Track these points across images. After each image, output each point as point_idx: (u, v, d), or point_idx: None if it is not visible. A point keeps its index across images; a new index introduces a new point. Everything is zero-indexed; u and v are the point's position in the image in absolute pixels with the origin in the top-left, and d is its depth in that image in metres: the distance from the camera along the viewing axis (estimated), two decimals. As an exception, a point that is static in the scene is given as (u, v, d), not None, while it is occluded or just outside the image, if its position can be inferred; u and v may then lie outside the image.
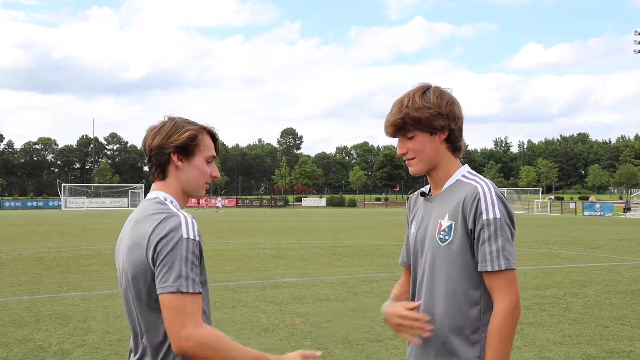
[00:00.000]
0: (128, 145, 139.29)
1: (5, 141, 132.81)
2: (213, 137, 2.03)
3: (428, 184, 2.11)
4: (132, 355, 1.94)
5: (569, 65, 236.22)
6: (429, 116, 1.91)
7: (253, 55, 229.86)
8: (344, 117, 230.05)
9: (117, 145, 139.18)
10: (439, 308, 1.90)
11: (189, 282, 1.74)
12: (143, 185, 68.88)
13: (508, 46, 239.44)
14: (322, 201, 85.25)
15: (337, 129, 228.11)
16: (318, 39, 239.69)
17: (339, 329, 6.63)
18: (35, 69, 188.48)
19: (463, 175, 1.99)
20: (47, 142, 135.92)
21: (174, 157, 1.91)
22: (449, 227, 1.89)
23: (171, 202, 1.91)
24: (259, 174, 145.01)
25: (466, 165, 2.05)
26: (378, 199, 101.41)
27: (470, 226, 1.85)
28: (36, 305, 8.01)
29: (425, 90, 1.97)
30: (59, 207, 65.17)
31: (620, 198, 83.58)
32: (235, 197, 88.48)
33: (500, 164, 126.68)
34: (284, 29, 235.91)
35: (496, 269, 1.81)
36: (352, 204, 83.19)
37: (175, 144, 1.90)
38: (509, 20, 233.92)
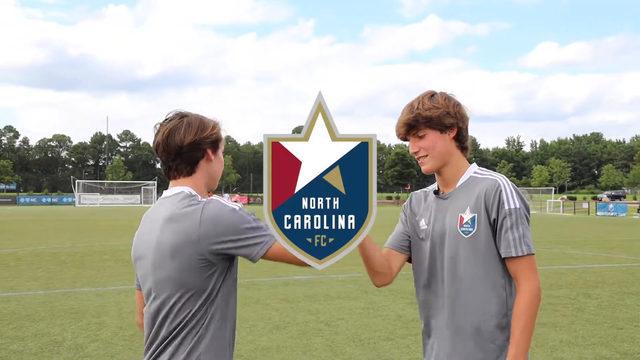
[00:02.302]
0: (141, 142, 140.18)
1: (20, 138, 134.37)
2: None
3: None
4: (150, 352, 1.90)
5: (584, 64, 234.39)
6: (439, 115, 2.05)
7: (266, 53, 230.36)
8: (356, 115, 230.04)
9: (130, 143, 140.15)
10: (469, 297, 2.01)
11: (267, 235, 1.86)
12: (156, 182, 69.31)
13: (522, 45, 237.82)
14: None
15: (348, 127, 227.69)
16: (331, 37, 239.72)
17: (350, 327, 6.64)
18: (51, 66, 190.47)
19: (475, 172, 2.12)
20: (62, 139, 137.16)
21: (210, 151, 1.96)
22: (472, 219, 2.01)
23: (193, 195, 1.92)
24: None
25: (474, 163, 2.18)
26: (389, 198, 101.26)
27: (493, 216, 1.98)
28: (51, 300, 8.10)
29: (433, 94, 2.13)
30: (73, 203, 65.79)
31: (635, 198, 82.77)
32: (247, 194, 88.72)
33: (513, 164, 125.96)
34: (298, 27, 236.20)
35: (520, 254, 1.95)
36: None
37: (211, 139, 1.96)
38: (523, 19, 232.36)
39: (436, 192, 2.16)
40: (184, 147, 1.91)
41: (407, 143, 2.15)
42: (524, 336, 1.91)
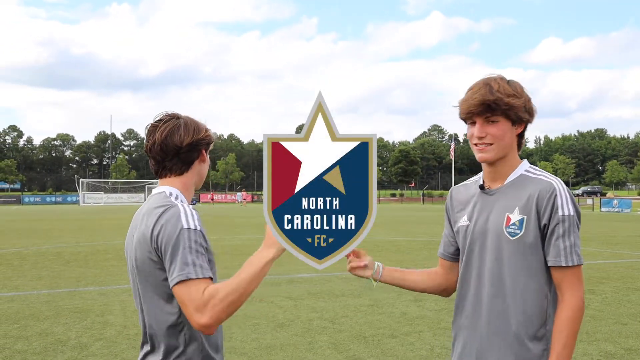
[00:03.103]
0: (145, 141, 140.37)
1: (24, 137, 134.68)
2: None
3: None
4: (143, 347, 1.97)
5: (589, 60, 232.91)
6: (519, 105, 1.93)
7: (270, 51, 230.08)
8: (360, 112, 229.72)
9: (134, 141, 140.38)
10: (510, 302, 1.92)
11: (197, 269, 1.75)
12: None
13: (526, 41, 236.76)
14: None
15: (352, 124, 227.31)
16: (335, 34, 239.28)
17: (354, 325, 6.65)
18: (55, 65, 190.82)
19: (526, 170, 2.00)
20: (66, 138, 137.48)
21: (204, 153, 2.02)
22: (520, 221, 1.91)
23: (177, 196, 1.95)
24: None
25: (526, 160, 2.05)
26: (393, 195, 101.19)
27: (544, 221, 1.89)
28: (55, 300, 8.13)
29: (507, 79, 2.00)
30: (77, 202, 65.97)
31: (639, 194, 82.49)
32: (250, 192, 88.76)
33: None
34: (302, 25, 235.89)
35: (570, 264, 1.87)
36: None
37: (206, 141, 2.01)
38: (527, 15, 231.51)
39: (482, 187, 2.04)
40: (183, 147, 1.95)
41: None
42: (566, 351, 1.84)
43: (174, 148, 1.95)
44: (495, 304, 1.95)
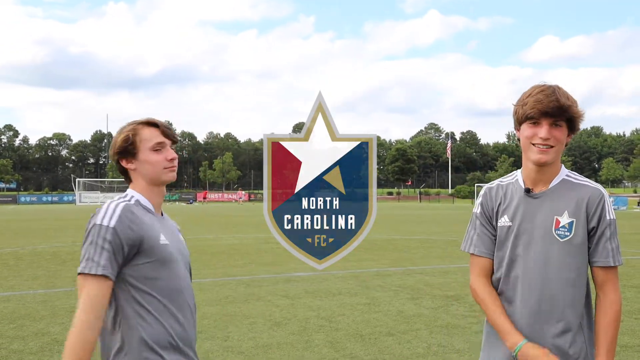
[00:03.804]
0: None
1: (20, 137, 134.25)
2: (154, 125, 2.08)
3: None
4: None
5: (585, 58, 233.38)
6: (581, 116, 2.06)
7: (267, 50, 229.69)
8: (357, 111, 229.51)
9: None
10: (558, 299, 2.03)
11: (89, 264, 1.83)
12: (156, 179, 69.30)
13: (523, 39, 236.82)
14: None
15: (350, 123, 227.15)
16: (333, 33, 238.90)
17: (351, 323, 6.66)
18: (51, 64, 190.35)
19: (567, 175, 2.11)
20: (62, 138, 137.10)
21: (123, 163, 2.06)
22: (570, 224, 2.02)
23: (131, 197, 2.02)
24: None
25: (562, 165, 2.16)
26: (390, 193, 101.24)
27: (593, 224, 2.02)
28: (52, 299, 8.11)
29: (567, 91, 2.09)
30: (73, 201, 65.82)
31: (635, 192, 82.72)
32: (247, 191, 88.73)
33: (513, 158, 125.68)
34: (299, 23, 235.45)
35: (617, 264, 2.04)
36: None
37: (117, 151, 2.06)
38: (525, 13, 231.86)
39: (527, 190, 2.10)
40: (114, 164, 2.11)
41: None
42: (613, 347, 2.00)
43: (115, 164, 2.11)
44: (542, 302, 2.03)
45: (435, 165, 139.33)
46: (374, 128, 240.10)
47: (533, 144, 2.02)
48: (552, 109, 1.98)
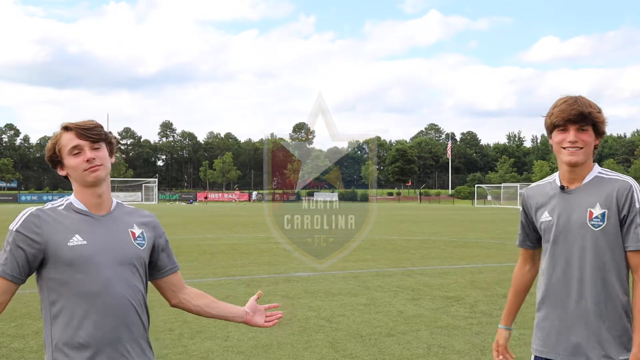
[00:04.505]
0: (142, 140, 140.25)
1: (21, 136, 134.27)
2: (68, 129, 2.12)
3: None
4: None
5: (586, 59, 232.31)
6: (604, 120, 2.35)
7: (268, 49, 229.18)
8: (357, 111, 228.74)
9: (131, 140, 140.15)
10: (598, 284, 2.27)
11: None
12: (157, 179, 69.38)
13: (524, 39, 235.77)
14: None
15: (349, 123, 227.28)
16: (333, 32, 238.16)
17: (351, 324, 6.66)
18: (52, 64, 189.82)
19: (599, 172, 2.38)
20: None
21: (58, 170, 2.16)
22: (602, 214, 2.27)
23: (65, 201, 2.13)
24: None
25: (596, 163, 2.42)
26: (390, 194, 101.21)
27: (624, 213, 2.25)
28: (52, 298, 8.12)
29: (589, 100, 2.38)
30: (73, 201, 65.73)
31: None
32: (247, 191, 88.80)
33: (513, 159, 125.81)
34: (299, 23, 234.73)
35: None
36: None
37: (48, 161, 2.18)
38: (524, 13, 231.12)
39: (562, 187, 2.39)
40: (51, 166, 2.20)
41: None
42: None
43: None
44: (583, 286, 2.28)
45: (436, 165, 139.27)
46: (373, 128, 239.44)
47: (563, 148, 2.32)
48: (574, 116, 2.28)
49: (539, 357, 2.43)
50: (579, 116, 2.28)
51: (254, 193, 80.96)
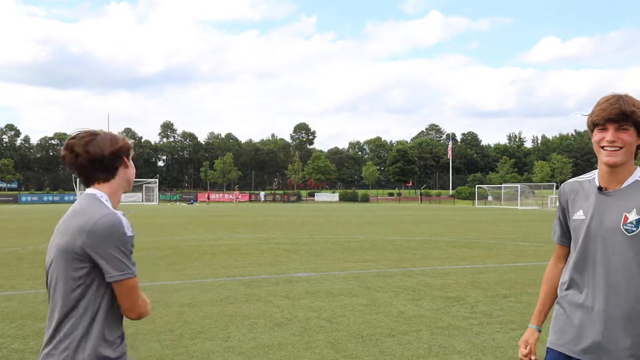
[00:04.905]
0: (142, 140, 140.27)
1: (22, 136, 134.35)
2: None
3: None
4: None
5: (587, 59, 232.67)
6: None
7: (268, 50, 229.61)
8: (358, 111, 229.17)
9: (132, 140, 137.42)
10: (623, 289, 2.23)
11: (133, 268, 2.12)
12: (157, 180, 69.35)
13: (525, 40, 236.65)
14: (335, 196, 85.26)
15: (350, 123, 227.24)
16: (334, 33, 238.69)
17: (351, 324, 6.65)
18: (52, 64, 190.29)
19: None
20: (63, 137, 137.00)
21: (125, 159, 2.25)
22: (637, 220, 2.23)
23: (107, 200, 2.17)
24: (272, 169, 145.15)
25: (639, 167, 2.36)
26: (391, 194, 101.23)
27: None
28: (53, 299, 8.11)
29: (634, 99, 2.31)
30: (74, 201, 65.72)
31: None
32: (248, 191, 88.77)
33: (514, 159, 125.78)
34: (300, 23, 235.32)
35: None
36: (365, 199, 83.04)
37: (125, 149, 2.25)
38: (525, 14, 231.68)
39: (600, 188, 2.33)
40: (107, 156, 2.17)
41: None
42: None
43: (97, 157, 2.15)
44: (610, 291, 2.24)
45: (436, 166, 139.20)
46: (374, 128, 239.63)
47: (602, 147, 2.27)
48: (615, 115, 2.22)
49: (552, 350, 2.43)
50: (619, 115, 2.22)
51: (262, 194, 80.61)
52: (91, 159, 2.14)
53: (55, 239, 2.14)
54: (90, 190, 2.18)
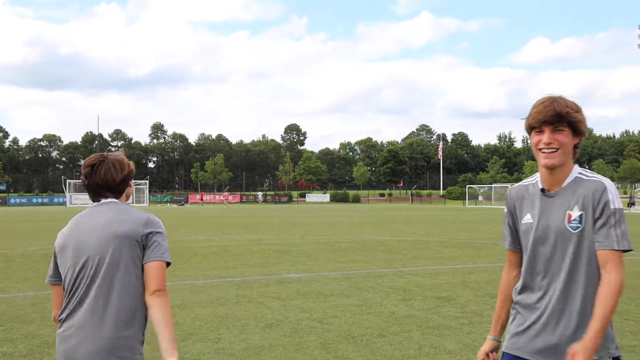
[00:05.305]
0: (132, 141, 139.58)
1: (10, 138, 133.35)
2: None
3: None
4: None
5: (576, 60, 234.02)
6: (582, 120, 2.31)
7: (259, 51, 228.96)
8: (349, 112, 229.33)
9: (122, 142, 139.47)
10: (575, 284, 2.26)
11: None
12: (148, 181, 69.03)
13: (514, 41, 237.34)
14: (326, 197, 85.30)
15: (341, 124, 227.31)
16: (325, 34, 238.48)
17: (342, 325, 6.65)
18: (42, 65, 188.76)
19: (580, 174, 2.34)
20: (52, 139, 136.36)
21: (130, 183, 2.71)
22: (580, 216, 2.26)
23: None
24: (263, 170, 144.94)
25: (577, 165, 2.38)
26: (382, 195, 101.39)
27: (597, 215, 2.23)
28: (42, 302, 8.05)
29: (568, 100, 2.35)
30: (64, 203, 65.41)
31: (625, 193, 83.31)
32: (239, 193, 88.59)
33: (504, 159, 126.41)
34: (291, 24, 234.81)
35: (622, 248, 2.21)
36: (356, 200, 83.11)
37: (131, 175, 2.68)
38: (515, 15, 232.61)
39: (542, 190, 2.37)
40: (119, 180, 2.61)
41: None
42: (607, 315, 2.14)
43: (112, 183, 2.59)
44: (563, 290, 2.27)
45: (427, 166, 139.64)
46: (364, 129, 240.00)
47: (540, 150, 2.30)
48: (550, 117, 2.25)
49: (507, 353, 2.42)
50: (554, 117, 2.25)
51: (259, 194, 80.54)
52: (107, 184, 2.59)
53: (98, 232, 2.52)
54: (111, 199, 2.62)
